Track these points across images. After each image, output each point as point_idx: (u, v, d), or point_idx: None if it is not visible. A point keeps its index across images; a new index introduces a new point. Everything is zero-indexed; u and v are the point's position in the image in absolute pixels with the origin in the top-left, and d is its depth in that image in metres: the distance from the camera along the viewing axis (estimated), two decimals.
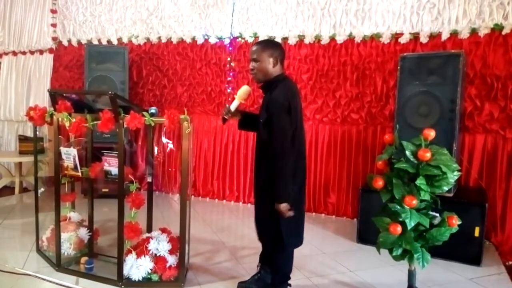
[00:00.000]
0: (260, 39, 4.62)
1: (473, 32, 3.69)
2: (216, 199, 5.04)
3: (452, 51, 3.56)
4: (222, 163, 5.01)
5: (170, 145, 3.13)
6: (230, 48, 4.82)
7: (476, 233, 3.09)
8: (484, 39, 3.64)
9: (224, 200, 5.01)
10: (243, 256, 3.24)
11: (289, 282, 2.57)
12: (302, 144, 2.37)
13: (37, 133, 3.18)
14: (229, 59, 4.81)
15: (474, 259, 3.13)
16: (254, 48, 2.31)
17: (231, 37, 4.80)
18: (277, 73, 2.31)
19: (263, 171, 2.35)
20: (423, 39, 3.89)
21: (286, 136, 2.16)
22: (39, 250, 3.10)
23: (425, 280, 2.80)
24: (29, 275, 2.74)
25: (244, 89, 2.43)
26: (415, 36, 3.94)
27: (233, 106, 2.45)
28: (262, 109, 2.33)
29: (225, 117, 2.47)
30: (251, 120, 2.53)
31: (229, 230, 3.96)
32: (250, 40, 4.71)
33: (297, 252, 2.81)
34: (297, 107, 2.26)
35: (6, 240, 3.46)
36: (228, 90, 4.84)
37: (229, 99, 4.86)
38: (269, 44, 2.35)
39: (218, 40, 4.89)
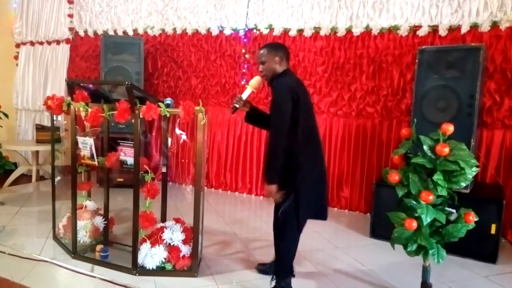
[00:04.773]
0: (276, 30, 4.62)
1: (494, 25, 3.60)
2: (229, 191, 5.06)
3: (472, 44, 3.49)
4: (235, 155, 5.02)
5: (184, 137, 3.15)
6: (245, 40, 4.79)
7: (493, 230, 3.04)
8: (506, 32, 3.55)
9: (237, 192, 5.02)
10: (255, 248, 3.25)
11: (294, 273, 2.60)
12: (313, 130, 2.46)
13: (55, 122, 3.22)
14: (243, 51, 4.79)
15: (490, 257, 3.09)
16: (260, 52, 2.45)
17: (246, 29, 4.78)
18: (282, 69, 2.44)
19: None
20: (442, 32, 3.81)
21: (283, 119, 2.25)
22: (55, 238, 3.16)
23: (439, 277, 2.78)
24: (46, 261, 2.80)
25: (256, 79, 2.51)
26: (434, 29, 3.86)
27: (245, 95, 2.50)
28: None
29: (236, 105, 2.49)
30: (259, 115, 2.64)
31: (241, 222, 3.98)
32: (265, 32, 4.68)
33: (309, 245, 2.81)
34: (300, 95, 2.31)
35: (23, 227, 3.53)
36: (242, 82, 4.83)
37: (238, 94, 4.84)
38: (272, 46, 2.50)
39: (233, 32, 4.87)
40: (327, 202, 2.59)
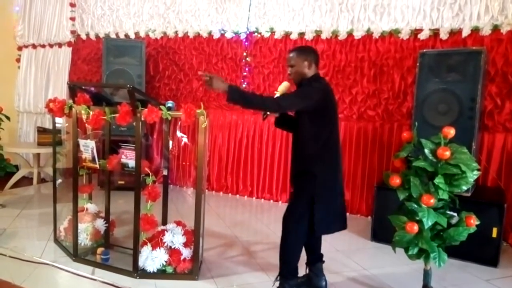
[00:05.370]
0: (277, 34, 4.63)
1: (495, 28, 3.61)
2: (230, 194, 5.06)
3: (473, 48, 3.49)
4: (236, 158, 5.02)
5: (185, 139, 3.16)
6: (246, 43, 4.80)
7: (494, 234, 3.04)
8: (507, 36, 3.56)
9: (238, 195, 5.02)
10: (256, 251, 3.25)
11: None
12: (334, 140, 2.45)
13: (56, 124, 3.23)
14: (245, 54, 4.80)
15: (491, 260, 3.08)
16: (290, 55, 2.46)
17: (248, 32, 4.79)
18: (312, 73, 2.45)
19: (298, 162, 2.46)
20: (443, 35, 3.81)
21: (293, 101, 2.33)
22: (56, 240, 3.16)
23: (440, 280, 2.77)
24: (47, 264, 2.80)
25: (284, 84, 2.49)
26: (435, 33, 3.87)
27: None
28: None
29: (267, 112, 2.47)
30: (288, 120, 2.63)
31: (242, 225, 3.97)
32: (267, 35, 4.69)
33: None
34: (328, 103, 2.38)
35: (24, 229, 3.54)
36: (244, 85, 4.83)
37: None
38: (302, 50, 2.52)
39: (234, 35, 4.88)
40: (345, 212, 2.61)
